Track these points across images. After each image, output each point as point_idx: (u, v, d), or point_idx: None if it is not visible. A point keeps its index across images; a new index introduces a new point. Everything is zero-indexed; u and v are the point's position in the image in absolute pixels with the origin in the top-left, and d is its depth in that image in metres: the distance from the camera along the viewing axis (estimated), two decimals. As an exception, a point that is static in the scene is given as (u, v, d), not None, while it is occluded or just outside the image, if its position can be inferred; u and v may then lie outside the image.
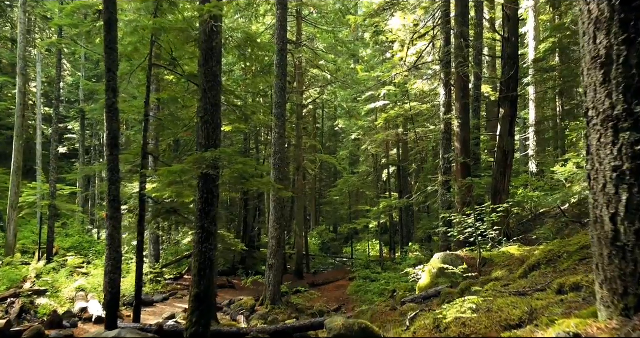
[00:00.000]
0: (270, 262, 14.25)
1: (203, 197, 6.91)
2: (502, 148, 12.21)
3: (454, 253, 8.62)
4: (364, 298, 16.22)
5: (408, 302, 7.86)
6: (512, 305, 3.41)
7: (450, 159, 12.81)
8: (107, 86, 8.29)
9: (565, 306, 2.90)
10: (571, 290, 3.35)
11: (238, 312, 13.06)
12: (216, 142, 7.03)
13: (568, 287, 3.42)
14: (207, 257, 6.78)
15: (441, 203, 12.91)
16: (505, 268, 7.54)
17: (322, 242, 33.00)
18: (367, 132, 25.39)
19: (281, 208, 14.41)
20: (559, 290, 3.50)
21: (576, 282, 3.38)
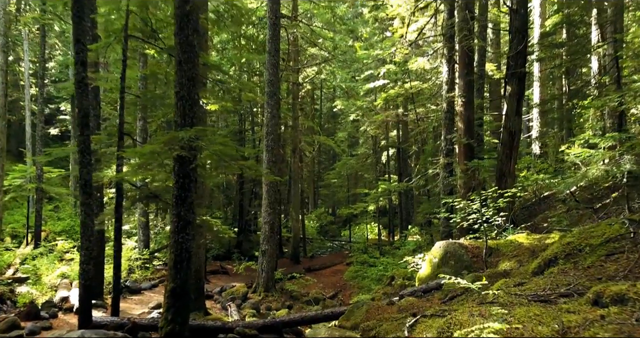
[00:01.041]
0: (263, 247, 13.64)
1: (179, 182, 6.20)
2: (509, 128, 11.46)
3: (456, 241, 7.96)
4: (361, 284, 15.69)
5: (407, 295, 7.23)
6: (537, 319, 2.73)
7: (453, 140, 12.07)
8: (75, 59, 7.49)
9: (611, 328, 2.23)
10: (613, 303, 2.67)
11: (229, 300, 12.48)
12: (193, 120, 6.28)
13: (608, 298, 2.74)
14: (184, 248, 6.10)
15: (442, 187, 12.23)
16: (514, 259, 6.88)
17: (320, 225, 32.47)
18: (366, 113, 24.57)
19: (274, 192, 13.73)
20: (596, 301, 2.82)
21: (619, 293, 2.70)
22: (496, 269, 6.77)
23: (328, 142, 23.31)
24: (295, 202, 21.21)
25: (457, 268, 7.51)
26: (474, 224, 8.29)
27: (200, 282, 10.66)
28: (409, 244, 16.88)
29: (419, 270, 8.48)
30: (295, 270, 18.82)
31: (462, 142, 11.57)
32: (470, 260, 7.52)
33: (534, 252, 6.92)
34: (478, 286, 4.19)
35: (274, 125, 13.66)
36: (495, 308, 3.21)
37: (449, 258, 7.70)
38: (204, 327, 7.56)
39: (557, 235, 7.25)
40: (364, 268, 17.45)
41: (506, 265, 6.71)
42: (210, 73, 9.24)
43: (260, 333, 7.46)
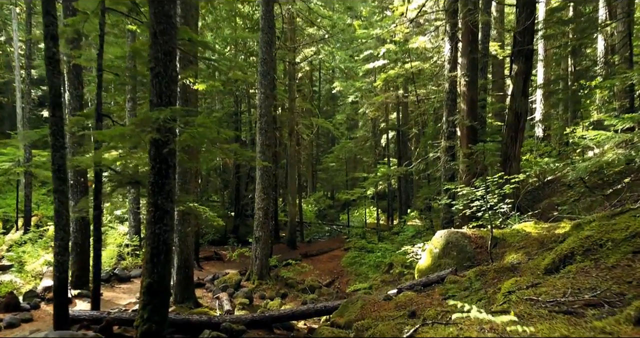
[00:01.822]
0: (257, 234, 13.15)
1: (155, 168, 5.62)
2: (514, 109, 10.85)
3: (459, 230, 7.44)
4: (359, 271, 15.27)
5: (405, 288, 6.73)
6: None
7: (455, 122, 11.46)
8: (45, 33, 6.84)
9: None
10: (665, 325, 2.15)
11: (221, 289, 12.05)
12: (171, 99, 5.68)
13: (657, 318, 2.21)
14: (162, 240, 5.56)
15: (443, 171, 11.67)
16: (521, 251, 6.35)
17: (318, 209, 32.01)
18: (365, 95, 23.85)
19: (268, 176, 13.17)
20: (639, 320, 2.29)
21: (673, 312, 2.18)
22: (502, 262, 6.25)
23: (326, 125, 22.66)
24: (292, 187, 20.68)
25: (459, 260, 7.01)
26: (478, 212, 7.77)
27: (188, 271, 10.18)
28: (408, 230, 16.41)
29: (419, 261, 7.97)
30: (291, 256, 18.39)
31: (464, 124, 10.97)
32: (473, 251, 7.00)
33: (543, 243, 6.39)
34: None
35: (268, 107, 13.02)
36: (509, 320, 2.67)
37: (450, 249, 7.18)
38: (188, 322, 7.08)
39: (567, 225, 6.72)
40: (361, 254, 17.02)
41: (513, 258, 6.19)
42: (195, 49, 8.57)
43: (248, 328, 7.00)
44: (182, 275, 10.11)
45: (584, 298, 3.09)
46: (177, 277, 10.14)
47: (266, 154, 13.00)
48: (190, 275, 10.26)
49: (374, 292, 12.12)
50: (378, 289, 12.50)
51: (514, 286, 4.00)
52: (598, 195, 9.27)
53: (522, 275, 5.12)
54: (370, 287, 12.52)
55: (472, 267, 6.77)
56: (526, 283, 3.97)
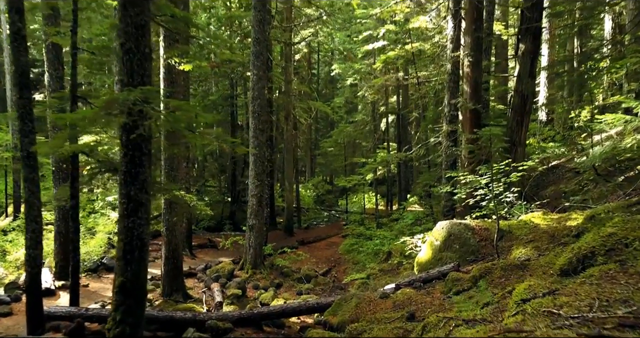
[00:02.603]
0: (250, 222, 12.66)
1: (128, 155, 5.08)
2: (520, 91, 10.27)
3: (461, 222, 6.92)
4: (357, 259, 14.84)
5: (404, 285, 6.24)
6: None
7: (458, 105, 10.86)
8: (9, 5, 6.22)
9: None
10: None
11: (213, 279, 11.60)
12: (144, 79, 5.10)
13: None
14: (136, 234, 5.05)
15: (445, 157, 11.12)
16: (530, 245, 5.85)
17: (316, 194, 31.55)
18: (364, 77, 23.15)
19: (262, 162, 12.62)
20: None
21: None
22: (510, 257, 5.75)
23: (323, 108, 22.02)
24: (288, 172, 20.15)
25: (462, 253, 6.51)
26: (482, 201, 7.26)
27: (177, 261, 9.72)
28: (407, 217, 15.93)
29: (418, 254, 7.48)
30: (288, 243, 17.97)
31: (468, 107, 10.38)
32: (477, 244, 6.50)
33: (553, 236, 5.89)
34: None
35: (261, 89, 12.40)
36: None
37: (452, 242, 6.68)
38: (172, 319, 6.62)
39: (579, 216, 6.21)
40: (360, 241, 16.58)
41: (521, 253, 5.68)
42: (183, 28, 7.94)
43: (235, 326, 6.54)
44: (171, 266, 9.65)
45: (616, 315, 2.57)
46: (165, 268, 9.69)
47: (259, 139, 12.43)
48: (179, 266, 9.80)
49: (371, 282, 11.69)
50: (376, 279, 12.08)
51: (527, 292, 3.49)
52: (610, 183, 8.74)
53: (533, 275, 4.62)
54: (368, 276, 12.09)
55: (476, 261, 6.28)
56: (542, 289, 3.46)
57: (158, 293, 9.82)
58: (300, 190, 30.80)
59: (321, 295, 11.90)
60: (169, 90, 9.41)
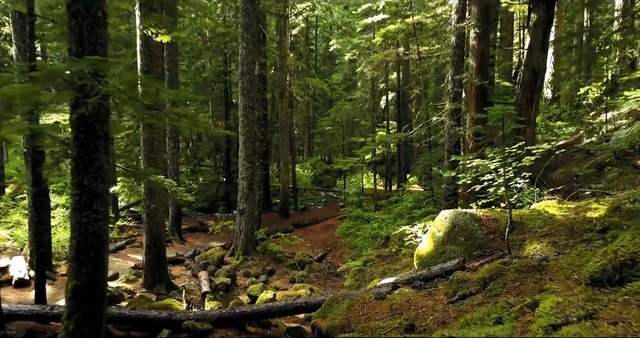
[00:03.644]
0: (241, 206, 11.99)
1: (79, 139, 4.32)
2: (531, 66, 9.44)
3: (467, 211, 6.21)
4: (354, 243, 14.24)
5: (402, 283, 5.57)
6: None
7: (463, 81, 10.03)
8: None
9: None
10: None
11: (201, 267, 11.00)
12: (97, 47, 4.30)
13: None
14: (91, 231, 4.34)
15: (448, 137, 10.34)
16: (546, 239, 5.15)
17: (314, 174, 30.85)
18: (363, 52, 22.13)
19: (252, 142, 11.85)
20: None
21: None
22: (522, 253, 5.06)
23: (321, 85, 21.10)
24: (283, 152, 19.40)
25: (467, 247, 5.82)
26: (489, 187, 6.53)
27: (159, 250, 9.07)
28: (407, 200, 15.27)
29: (419, 245, 6.80)
30: (283, 225, 17.36)
31: (473, 83, 9.56)
32: (485, 237, 5.80)
33: (572, 230, 5.18)
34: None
35: (251, 63, 11.53)
36: None
37: (457, 234, 5.99)
38: (145, 319, 5.99)
39: (600, 206, 5.49)
40: (357, 224, 15.95)
41: (536, 249, 4.99)
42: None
43: (215, 327, 5.91)
44: (153, 255, 9.01)
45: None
46: (146, 258, 9.05)
47: (249, 118, 11.64)
48: (161, 255, 9.15)
49: (368, 270, 11.09)
50: (373, 266, 11.47)
51: (556, 313, 2.79)
52: (625, 164, 8.02)
53: (554, 280, 3.93)
54: (365, 263, 11.48)
55: (484, 256, 5.60)
56: (574, 309, 2.76)
57: (140, 283, 9.20)
58: (298, 170, 30.11)
59: (315, 282, 11.33)
60: (146, 64, 8.58)
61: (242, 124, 11.63)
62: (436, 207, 13.97)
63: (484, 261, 5.45)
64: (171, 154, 13.71)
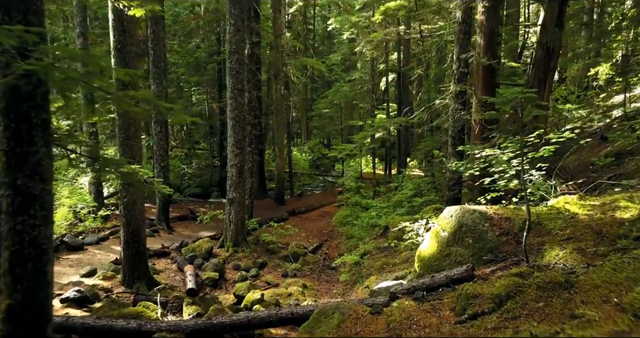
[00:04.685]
0: (230, 195, 11.26)
1: (9, 129, 3.56)
2: (545, 43, 8.59)
3: (476, 209, 5.47)
4: (351, 233, 13.57)
5: (402, 293, 4.86)
6: None
7: (469, 60, 9.19)
8: None
9: None
10: None
11: (188, 260, 10.33)
12: (29, 17, 3.50)
13: None
14: (28, 240, 3.61)
15: (452, 122, 9.55)
16: (569, 245, 4.42)
17: (313, 158, 30.04)
18: (362, 31, 21.12)
19: (242, 127, 11.05)
20: None
21: None
22: (542, 262, 4.34)
23: (317, 66, 20.14)
24: (279, 136, 18.59)
25: (476, 250, 5.10)
26: (500, 179, 5.79)
27: (139, 245, 8.36)
28: (407, 187, 14.54)
29: (421, 245, 6.07)
30: (277, 213, 16.68)
31: (481, 62, 8.71)
32: (496, 239, 5.08)
33: (600, 234, 4.45)
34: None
35: (239, 42, 10.66)
36: None
37: (464, 234, 5.26)
38: (112, 330, 5.30)
39: (631, 205, 4.75)
40: (355, 212, 15.27)
41: (559, 257, 4.27)
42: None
43: (190, 339, 5.22)
44: (131, 250, 8.31)
45: None
46: (124, 253, 8.35)
47: (238, 100, 10.81)
48: (141, 250, 8.45)
49: (365, 263, 10.41)
50: (371, 258, 10.79)
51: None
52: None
53: (589, 304, 3.20)
54: (362, 255, 10.82)
55: (496, 262, 4.88)
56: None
57: (119, 280, 8.52)
58: (296, 154, 29.31)
59: (309, 276, 10.68)
60: (119, 42, 7.73)
61: (231, 107, 10.82)
62: (438, 195, 13.27)
63: (496, 268, 4.74)
64: (157, 138, 12.93)
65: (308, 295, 8.89)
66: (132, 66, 7.94)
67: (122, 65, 7.83)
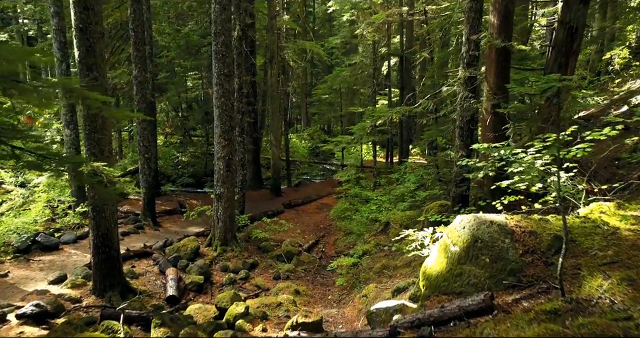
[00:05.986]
0: (218, 190, 10.39)
1: None
2: (567, 22, 7.58)
3: (493, 220, 4.55)
4: (349, 228, 12.71)
5: (404, 326, 3.99)
6: None
7: (481, 42, 8.18)
8: None
9: None
10: None
11: (171, 261, 9.50)
12: None
13: None
14: None
15: (460, 111, 8.57)
16: (615, 271, 3.52)
17: (312, 145, 29.05)
18: (363, 12, 19.98)
19: (230, 116, 10.11)
20: None
21: None
22: (581, 295, 3.44)
23: (316, 49, 19.12)
24: (274, 124, 17.63)
25: (494, 271, 4.22)
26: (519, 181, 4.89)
27: (111, 249, 7.51)
28: (409, 180, 13.61)
29: (427, 259, 5.18)
30: (273, 205, 15.84)
31: (495, 44, 7.70)
32: (519, 259, 4.18)
33: (653, 257, 3.54)
34: None
35: (225, 22, 9.65)
36: None
37: (480, 251, 4.38)
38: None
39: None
40: (354, 205, 14.38)
41: (602, 289, 3.37)
42: None
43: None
44: (102, 256, 7.45)
45: None
46: (94, 260, 7.50)
47: (225, 87, 9.85)
48: (113, 255, 7.59)
49: (363, 264, 9.58)
50: (370, 259, 9.95)
51: None
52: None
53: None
54: (361, 256, 9.98)
55: (519, 288, 4.00)
56: None
57: (89, 289, 7.69)
58: (295, 141, 28.36)
59: (303, 279, 9.84)
60: (81, 20, 6.76)
61: (217, 94, 9.87)
62: (442, 189, 12.36)
63: (520, 296, 3.86)
64: (140, 128, 12.00)
65: (300, 303, 8.08)
66: (98, 48, 6.98)
67: (85, 47, 6.87)
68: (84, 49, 6.90)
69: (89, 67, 6.95)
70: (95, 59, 7.01)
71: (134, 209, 13.67)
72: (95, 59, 7.01)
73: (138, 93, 11.89)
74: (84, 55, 6.93)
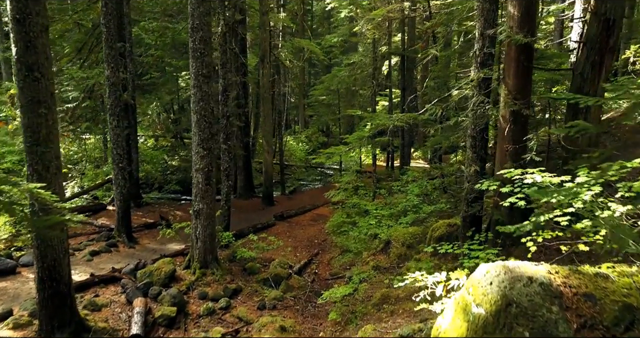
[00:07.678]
0: (196, 206, 9.20)
1: None
2: (602, 14, 6.43)
3: (532, 276, 3.34)
4: (346, 245, 11.49)
5: None
6: None
7: (499, 37, 6.98)
8: None
9: None
10: None
11: (141, 289, 8.32)
12: None
13: None
14: None
15: (473, 118, 7.38)
16: None
17: (310, 148, 27.84)
18: (362, 8, 18.80)
19: (209, 122, 8.92)
20: None
21: None
22: None
23: (312, 48, 17.93)
24: (265, 128, 16.43)
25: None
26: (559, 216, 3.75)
27: (58, 284, 6.33)
28: (412, 191, 12.40)
29: (439, 320, 3.97)
30: (264, 216, 14.66)
31: (516, 40, 6.50)
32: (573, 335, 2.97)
33: None
34: None
35: (204, 15, 8.45)
36: None
37: (515, 320, 3.19)
38: None
39: None
40: (352, 217, 13.16)
41: None
42: None
43: None
44: (49, 291, 6.28)
45: None
46: (40, 296, 6.32)
47: (204, 89, 8.67)
48: (62, 291, 6.41)
49: (361, 293, 8.40)
50: (368, 286, 8.76)
51: None
52: None
53: None
54: (358, 283, 8.77)
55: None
56: None
57: (34, 329, 6.51)
58: (292, 144, 27.17)
59: (292, 308, 8.63)
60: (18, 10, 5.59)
61: (194, 98, 8.70)
62: (449, 202, 11.17)
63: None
64: (114, 134, 10.81)
65: (286, 344, 6.90)
66: (40, 44, 5.80)
67: (24, 42, 5.70)
68: (22, 45, 5.73)
69: (28, 66, 5.78)
70: (37, 57, 5.84)
71: (110, 223, 12.49)
72: (37, 57, 5.84)
73: (111, 95, 10.69)
74: (22, 53, 5.76)
